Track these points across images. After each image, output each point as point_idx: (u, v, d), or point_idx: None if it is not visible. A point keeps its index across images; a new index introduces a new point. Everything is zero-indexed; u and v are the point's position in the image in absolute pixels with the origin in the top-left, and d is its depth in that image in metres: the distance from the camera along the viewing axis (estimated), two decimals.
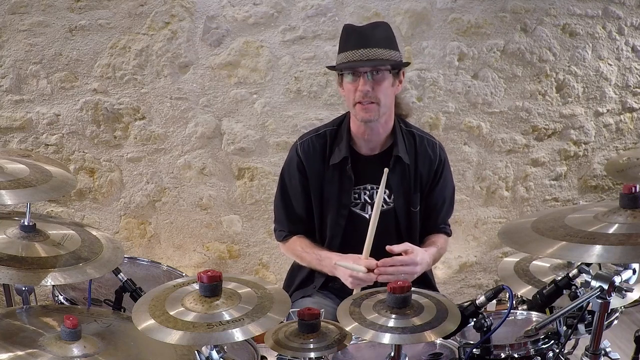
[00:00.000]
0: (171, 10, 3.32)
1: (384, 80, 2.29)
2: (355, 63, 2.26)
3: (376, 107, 2.30)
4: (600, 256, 1.55)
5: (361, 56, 2.25)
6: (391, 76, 2.32)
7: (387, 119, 2.40)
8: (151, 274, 2.58)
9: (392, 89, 2.34)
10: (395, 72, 2.33)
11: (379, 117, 2.34)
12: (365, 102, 2.28)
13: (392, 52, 2.30)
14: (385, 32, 2.34)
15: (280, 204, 2.56)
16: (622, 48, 3.78)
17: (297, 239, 2.53)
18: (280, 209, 2.56)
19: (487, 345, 1.88)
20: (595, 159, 3.93)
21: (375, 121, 2.35)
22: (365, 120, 2.34)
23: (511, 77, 3.69)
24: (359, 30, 2.32)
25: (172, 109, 3.44)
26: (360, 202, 2.45)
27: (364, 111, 2.30)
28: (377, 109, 2.30)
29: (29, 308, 1.92)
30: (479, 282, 3.98)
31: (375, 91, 2.27)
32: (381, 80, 2.28)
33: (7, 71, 3.30)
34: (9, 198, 1.86)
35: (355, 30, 2.33)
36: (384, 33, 2.33)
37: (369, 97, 2.27)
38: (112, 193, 3.52)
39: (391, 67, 2.30)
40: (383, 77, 2.29)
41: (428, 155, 2.47)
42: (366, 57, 2.25)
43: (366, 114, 2.31)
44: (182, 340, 1.56)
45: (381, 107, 2.31)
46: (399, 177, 2.44)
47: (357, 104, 2.30)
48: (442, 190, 2.53)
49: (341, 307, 1.81)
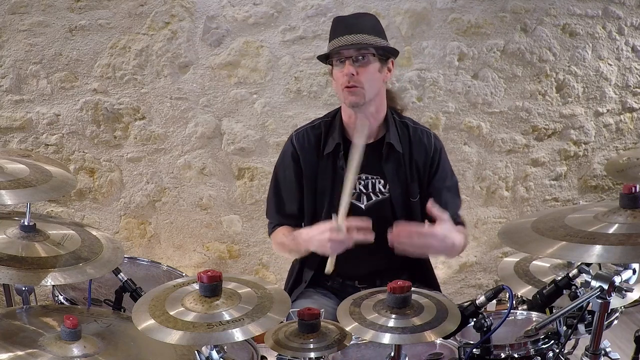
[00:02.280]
0: (171, 10, 3.32)
1: (368, 64, 2.30)
2: (339, 48, 2.29)
3: (361, 90, 2.31)
4: (600, 256, 1.55)
5: (346, 41, 2.28)
6: (377, 61, 2.33)
7: (377, 108, 2.41)
8: (151, 274, 2.58)
9: (378, 75, 2.35)
10: (382, 59, 2.34)
11: (365, 101, 2.34)
12: (350, 85, 2.30)
13: (377, 39, 2.32)
14: (371, 21, 2.38)
15: (273, 198, 2.56)
16: (622, 48, 3.78)
17: (280, 228, 2.53)
18: (272, 203, 2.57)
19: (487, 345, 1.88)
20: (595, 159, 3.93)
21: (362, 105, 2.35)
22: (352, 104, 2.34)
23: (511, 77, 3.69)
24: (345, 18, 2.39)
25: (172, 109, 3.44)
26: (355, 191, 2.43)
27: (350, 94, 2.32)
28: (362, 92, 2.31)
29: (29, 308, 1.92)
30: (479, 282, 3.98)
31: (360, 75, 2.29)
32: (366, 64, 2.30)
33: (7, 71, 3.30)
34: (9, 198, 1.86)
35: (341, 19, 2.38)
36: (370, 22, 2.37)
37: (354, 80, 2.29)
38: (112, 193, 3.52)
39: (375, 51, 2.31)
40: (368, 61, 2.30)
41: (423, 144, 2.47)
42: (350, 42, 2.28)
43: (352, 97, 2.32)
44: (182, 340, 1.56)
45: (366, 91, 2.32)
46: (394, 166, 2.44)
47: (344, 89, 2.32)
48: (442, 179, 2.50)
49: (341, 307, 1.81)
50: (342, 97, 2.35)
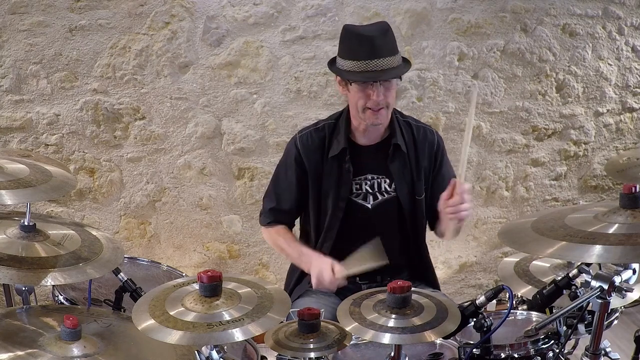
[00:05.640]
0: (171, 10, 3.32)
1: (392, 86, 2.35)
2: (371, 74, 2.29)
3: (385, 111, 2.36)
4: (600, 256, 1.55)
5: (375, 67, 2.28)
6: (398, 80, 2.39)
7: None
8: (151, 274, 2.58)
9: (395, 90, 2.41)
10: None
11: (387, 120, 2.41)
12: (376, 108, 2.33)
13: (398, 58, 2.35)
14: (391, 36, 2.37)
15: (272, 194, 2.59)
16: (622, 48, 3.78)
17: (281, 229, 2.57)
18: (270, 199, 2.59)
19: (487, 345, 1.89)
20: (595, 159, 3.93)
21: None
22: (375, 125, 2.39)
23: (511, 77, 3.69)
24: (368, 38, 2.31)
25: (172, 109, 3.44)
26: (361, 192, 2.47)
27: (375, 117, 2.35)
28: (386, 112, 2.37)
29: (29, 308, 1.92)
30: (479, 282, 3.98)
31: (386, 97, 2.33)
32: (391, 86, 2.35)
33: (7, 71, 3.29)
34: (9, 198, 1.86)
35: (363, 37, 2.32)
36: (391, 38, 2.36)
37: (381, 104, 2.33)
38: (112, 193, 3.52)
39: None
40: (392, 83, 2.35)
41: (427, 142, 2.51)
42: (380, 68, 2.29)
43: (377, 120, 2.37)
44: (182, 340, 1.56)
45: (389, 110, 2.39)
46: (400, 165, 2.47)
47: (367, 109, 2.34)
48: (447, 173, 2.56)
49: (341, 307, 1.82)
50: (363, 116, 2.37)
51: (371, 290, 1.90)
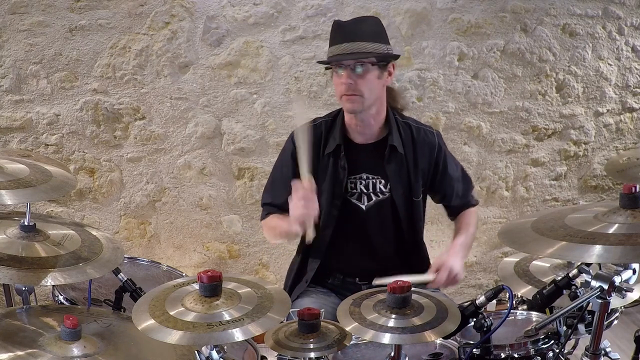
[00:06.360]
0: (171, 10, 3.32)
1: (367, 72, 2.31)
2: (338, 57, 2.30)
3: (360, 99, 2.33)
4: (600, 256, 1.55)
5: (344, 50, 2.29)
6: (377, 69, 2.33)
7: (378, 110, 2.42)
8: (151, 274, 2.58)
9: (378, 82, 2.36)
10: (382, 65, 2.35)
11: (363, 109, 2.37)
12: (349, 93, 2.32)
13: (376, 45, 2.32)
14: (372, 25, 2.36)
15: (269, 190, 2.60)
16: (622, 48, 3.78)
17: (274, 215, 2.55)
18: (268, 194, 2.60)
19: (487, 345, 1.88)
20: (595, 159, 3.93)
21: (361, 112, 2.38)
22: (350, 111, 2.39)
23: (511, 77, 3.69)
24: (344, 24, 2.36)
25: (172, 109, 3.44)
26: (356, 191, 2.47)
27: (349, 102, 2.34)
28: (360, 100, 2.33)
29: (29, 308, 1.91)
30: (479, 282, 3.98)
31: (359, 84, 2.30)
32: (365, 72, 2.30)
33: (7, 71, 3.30)
34: (9, 198, 1.86)
35: (341, 25, 2.36)
36: (371, 27, 2.36)
37: (352, 89, 2.31)
38: (112, 193, 3.52)
39: (376, 60, 2.32)
40: (367, 69, 2.31)
41: (427, 143, 2.50)
42: (349, 51, 2.28)
43: (350, 105, 2.35)
44: (182, 340, 1.56)
45: (365, 99, 2.34)
46: (396, 166, 2.46)
47: (342, 95, 2.35)
48: (450, 174, 2.56)
49: (341, 307, 1.82)
50: (342, 103, 2.38)
51: (371, 290, 1.90)
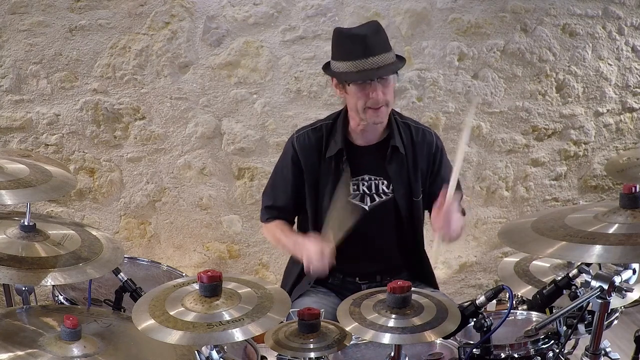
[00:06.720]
0: (171, 10, 3.32)
1: (390, 83, 2.35)
2: (367, 73, 2.29)
3: (385, 109, 2.36)
4: (600, 256, 1.55)
5: (371, 65, 2.28)
6: (395, 77, 2.38)
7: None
8: (151, 274, 2.58)
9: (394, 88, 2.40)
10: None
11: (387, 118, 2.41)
12: (377, 107, 2.34)
13: (392, 55, 2.35)
14: (383, 34, 2.37)
15: (269, 192, 2.60)
16: (622, 48, 3.78)
17: (280, 223, 2.56)
18: (268, 196, 2.61)
19: (487, 345, 1.89)
20: (595, 159, 3.92)
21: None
22: (376, 123, 2.40)
23: (511, 77, 3.68)
24: (360, 37, 2.32)
25: (172, 109, 3.44)
26: (359, 193, 2.47)
27: (376, 115, 2.35)
28: (386, 110, 2.37)
29: (29, 308, 1.92)
30: (479, 282, 3.98)
31: (385, 95, 2.33)
32: (388, 84, 2.34)
33: (7, 71, 3.29)
34: (9, 198, 1.86)
35: (356, 37, 2.32)
36: (383, 36, 2.37)
37: (380, 102, 2.33)
38: (112, 193, 3.52)
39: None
40: (389, 81, 2.34)
41: (426, 144, 2.51)
42: (376, 66, 2.28)
43: (378, 118, 2.37)
44: (182, 340, 1.56)
45: (389, 108, 2.39)
46: (398, 167, 2.47)
47: (367, 109, 2.34)
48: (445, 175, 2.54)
49: (341, 307, 1.82)
50: (364, 116, 2.36)
51: (371, 290, 1.90)
